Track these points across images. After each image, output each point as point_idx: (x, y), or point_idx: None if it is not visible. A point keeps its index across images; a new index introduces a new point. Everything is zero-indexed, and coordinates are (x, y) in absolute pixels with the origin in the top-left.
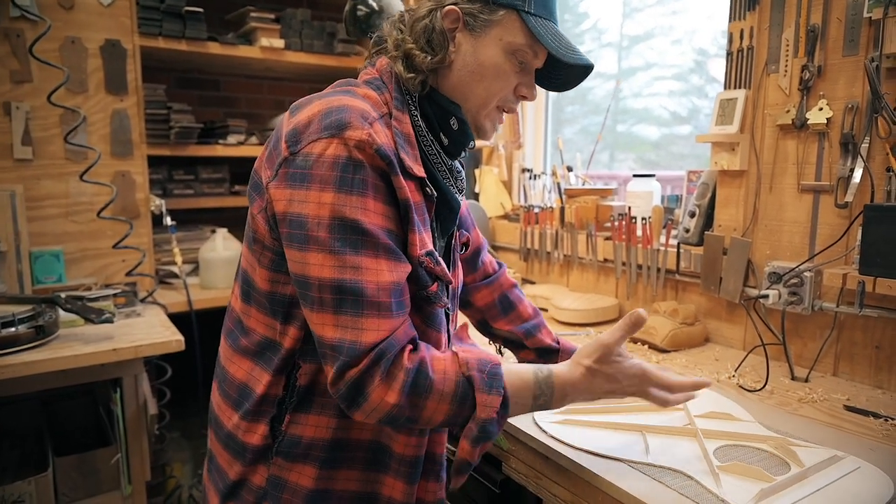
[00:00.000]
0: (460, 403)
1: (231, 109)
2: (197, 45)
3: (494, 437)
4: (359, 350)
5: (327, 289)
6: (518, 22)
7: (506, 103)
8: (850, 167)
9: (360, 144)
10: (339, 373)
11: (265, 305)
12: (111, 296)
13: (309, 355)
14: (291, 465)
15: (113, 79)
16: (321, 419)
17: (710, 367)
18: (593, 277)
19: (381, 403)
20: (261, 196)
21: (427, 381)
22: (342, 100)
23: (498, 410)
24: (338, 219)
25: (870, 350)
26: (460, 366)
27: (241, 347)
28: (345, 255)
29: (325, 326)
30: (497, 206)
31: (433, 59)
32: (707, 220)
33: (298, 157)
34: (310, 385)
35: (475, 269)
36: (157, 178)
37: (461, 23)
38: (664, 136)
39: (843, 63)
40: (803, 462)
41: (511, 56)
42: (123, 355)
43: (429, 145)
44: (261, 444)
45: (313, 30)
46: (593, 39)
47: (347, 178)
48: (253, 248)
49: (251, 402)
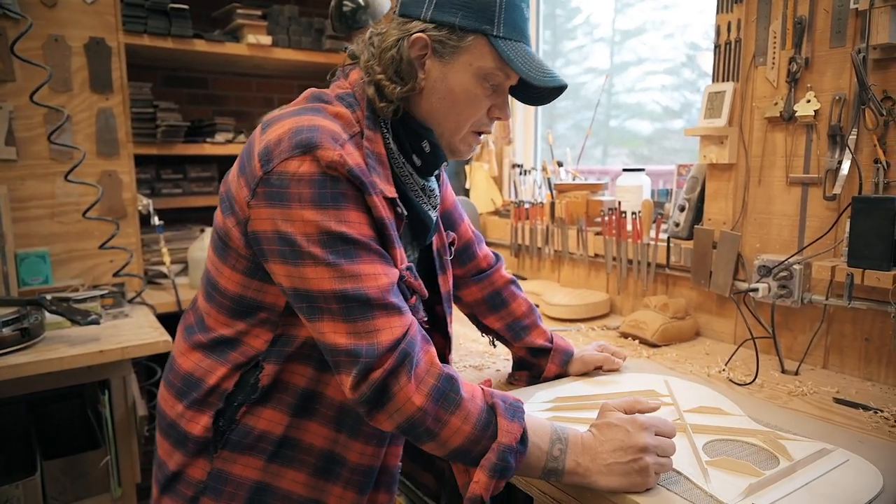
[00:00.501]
0: (483, 429)
1: (219, 107)
2: (183, 43)
3: (510, 474)
4: (379, 350)
5: (332, 299)
6: (487, 47)
7: (480, 127)
8: (838, 159)
9: (331, 165)
10: (361, 376)
11: (228, 307)
12: (98, 297)
13: (273, 358)
14: (238, 456)
15: (98, 77)
16: (276, 414)
17: (700, 361)
18: (584, 273)
19: (407, 404)
20: (234, 213)
21: (457, 397)
22: (313, 119)
23: (518, 440)
24: (325, 233)
25: (859, 342)
26: (486, 394)
27: (195, 342)
28: (342, 266)
29: (338, 335)
30: (488, 202)
31: (402, 88)
32: (697, 214)
33: (273, 177)
34: (271, 384)
35: (465, 264)
36: (144, 178)
37: (430, 50)
38: (657, 130)
39: (830, 55)
40: (792, 456)
41: (482, 80)
42: (110, 357)
43: (401, 167)
44: (202, 435)
45: (301, 26)
46: (585, 34)
47: (325, 193)
48: (222, 254)
49: (199, 392)
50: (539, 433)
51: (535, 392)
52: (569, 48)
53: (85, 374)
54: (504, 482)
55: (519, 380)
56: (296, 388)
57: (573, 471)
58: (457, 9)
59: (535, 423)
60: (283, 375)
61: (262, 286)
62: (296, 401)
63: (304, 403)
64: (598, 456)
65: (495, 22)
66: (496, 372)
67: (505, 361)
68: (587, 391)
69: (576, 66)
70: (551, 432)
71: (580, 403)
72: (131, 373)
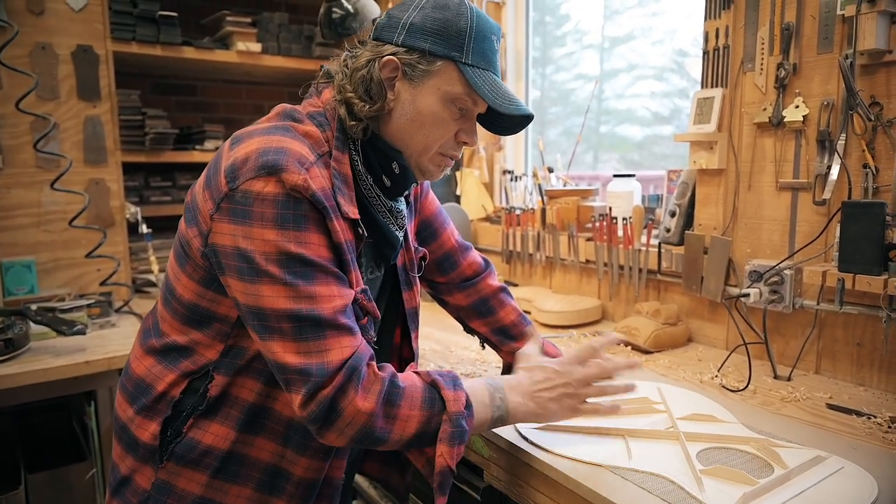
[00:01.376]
0: (430, 405)
1: (209, 115)
2: (171, 50)
3: (467, 437)
4: (328, 370)
5: (284, 318)
6: (456, 72)
7: (447, 150)
8: (828, 164)
9: (295, 188)
10: (309, 395)
11: (181, 314)
12: (85, 306)
13: (224, 368)
14: (182, 469)
15: (85, 85)
16: (222, 429)
17: (693, 367)
18: (576, 279)
19: (357, 415)
20: (197, 224)
21: (398, 390)
22: (281, 141)
23: (465, 405)
24: (284, 254)
25: (851, 347)
26: (422, 375)
27: (149, 346)
28: (298, 286)
29: (287, 354)
30: (478, 208)
31: (371, 107)
32: (687, 220)
33: (238, 194)
34: (219, 396)
35: (447, 273)
36: (133, 186)
37: (400, 72)
38: (647, 136)
39: (817, 60)
40: (787, 463)
41: (450, 104)
42: (96, 367)
43: (368, 188)
44: (150, 442)
45: (291, 33)
46: (575, 41)
47: (287, 214)
48: (182, 261)
49: (148, 398)
50: (479, 392)
51: None
52: (559, 55)
53: (70, 385)
54: (464, 446)
55: None
56: (244, 403)
57: (517, 411)
58: (428, 35)
59: (472, 385)
60: (232, 389)
61: (216, 297)
62: (243, 416)
63: (251, 419)
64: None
65: (464, 50)
66: None
67: (496, 369)
68: None
69: (566, 72)
70: (487, 386)
71: None
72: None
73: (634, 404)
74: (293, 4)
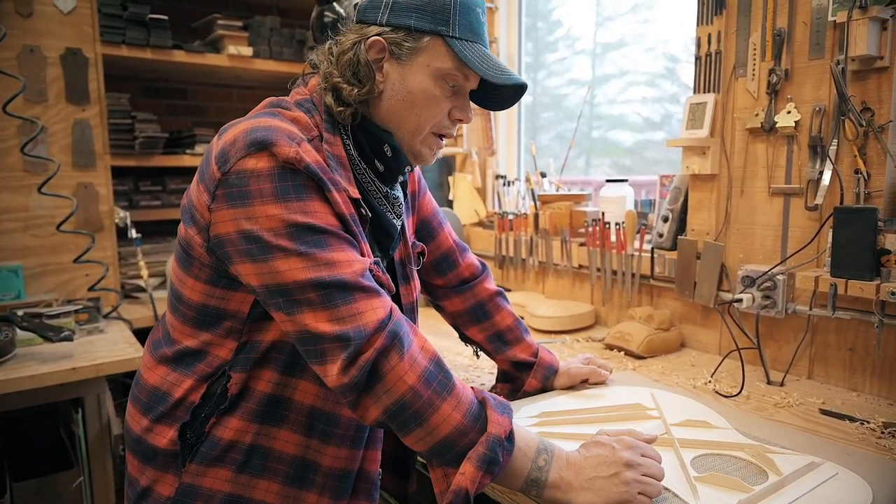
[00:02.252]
0: (473, 420)
1: (200, 119)
2: (162, 54)
3: (497, 470)
4: (367, 331)
5: (309, 288)
6: (444, 47)
7: (441, 129)
8: (819, 170)
9: (289, 160)
10: (350, 360)
11: (191, 318)
12: (72, 312)
13: (240, 365)
14: (207, 469)
15: (74, 88)
16: (241, 423)
17: (686, 373)
18: (569, 284)
19: (399, 383)
20: (196, 221)
21: (449, 383)
22: (268, 121)
23: (507, 435)
24: (292, 225)
25: (843, 352)
26: (476, 389)
27: (160, 356)
28: (314, 254)
29: (321, 323)
30: (471, 213)
31: (360, 91)
32: (680, 225)
33: (232, 176)
34: (240, 393)
35: (445, 274)
36: (123, 190)
37: (387, 52)
38: (638, 141)
39: (809, 66)
40: (781, 470)
41: (441, 81)
42: (83, 374)
43: (362, 172)
44: (168, 448)
45: (282, 37)
46: (567, 47)
47: (287, 186)
48: (186, 264)
49: (165, 406)
50: (526, 440)
51: (521, 407)
52: (551, 60)
53: (57, 392)
54: (489, 479)
55: (500, 393)
56: (261, 395)
57: (555, 484)
58: (412, 12)
59: (522, 430)
60: (249, 383)
61: (226, 293)
62: (261, 407)
63: (270, 409)
64: (581, 471)
65: (450, 23)
66: (481, 386)
67: (489, 375)
68: (573, 405)
69: (558, 77)
70: (538, 442)
71: (566, 418)
72: (106, 390)
73: (628, 410)
74: (285, 8)
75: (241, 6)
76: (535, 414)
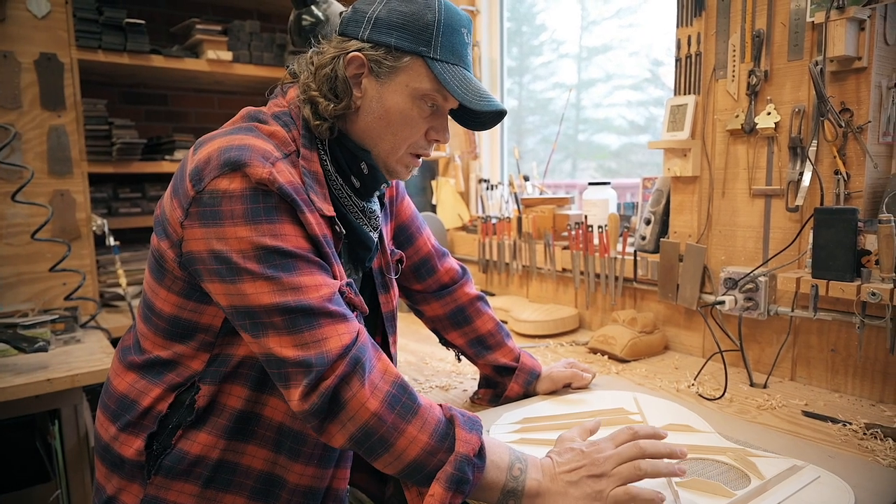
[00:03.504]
0: (440, 439)
1: (180, 124)
2: (139, 59)
3: (468, 488)
4: (329, 358)
5: (275, 313)
6: (424, 68)
7: (417, 149)
8: (800, 171)
9: (261, 181)
10: (311, 386)
11: (163, 329)
12: (48, 322)
13: (209, 378)
14: (172, 482)
15: (49, 94)
16: (210, 438)
17: (669, 376)
18: (552, 287)
19: (361, 410)
20: (168, 235)
21: (413, 405)
22: (244, 139)
23: (476, 452)
24: (261, 248)
25: (825, 354)
26: (444, 406)
27: (129, 363)
28: (281, 279)
29: (285, 348)
30: (455, 217)
31: (336, 106)
32: (662, 227)
33: (205, 196)
34: (209, 407)
35: (423, 279)
36: (101, 197)
37: (366, 69)
38: (624, 145)
39: (788, 67)
40: (763, 474)
41: (419, 101)
42: (59, 385)
43: (339, 188)
44: (135, 458)
45: (262, 42)
46: (552, 50)
47: (258, 208)
48: (158, 276)
49: (132, 414)
50: (498, 452)
51: (503, 413)
52: (536, 64)
53: (33, 404)
54: (460, 498)
55: (482, 398)
56: (232, 410)
57: (533, 492)
58: (393, 30)
59: (493, 442)
60: (219, 397)
61: (198, 307)
62: (232, 423)
63: (240, 426)
64: (555, 477)
65: (432, 44)
66: (463, 392)
67: (472, 381)
68: (555, 411)
69: (543, 81)
70: (510, 452)
71: (548, 424)
72: (83, 401)
73: (610, 415)
74: (265, 12)
75: (221, 10)
76: (517, 420)
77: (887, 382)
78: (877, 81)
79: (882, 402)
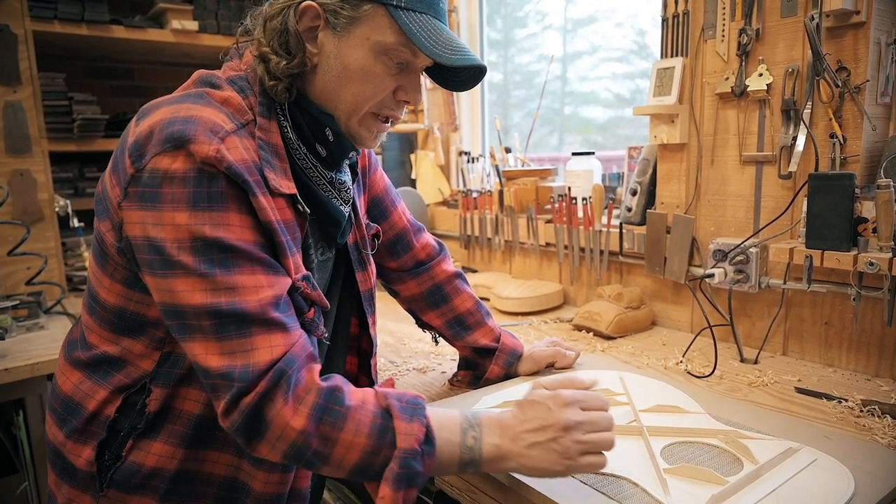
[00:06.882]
0: (379, 436)
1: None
2: (99, 29)
3: (420, 480)
4: (253, 373)
5: (204, 315)
6: (386, 18)
7: (382, 109)
8: (793, 135)
9: (207, 160)
10: (232, 402)
11: (109, 321)
12: (9, 308)
13: (162, 380)
14: (126, 496)
15: (3, 68)
16: (167, 448)
17: (657, 352)
18: (536, 263)
19: (286, 429)
20: (109, 215)
21: (341, 409)
22: (191, 109)
23: (421, 441)
24: (199, 239)
25: (819, 327)
26: (378, 397)
27: (75, 359)
28: (215, 277)
29: (210, 356)
30: (435, 192)
31: (289, 63)
32: (649, 198)
33: (145, 175)
34: (160, 411)
35: (399, 256)
36: (67, 177)
37: (322, 21)
38: (610, 118)
39: (781, 25)
40: (757, 458)
41: (383, 56)
42: (17, 375)
43: (302, 158)
44: (86, 469)
45: (231, 10)
46: (537, 22)
47: (201, 192)
48: (101, 261)
49: (79, 420)
50: (447, 425)
51: (482, 396)
52: (521, 36)
53: None
54: (414, 491)
55: (461, 381)
56: (189, 416)
57: (492, 456)
58: None
59: (441, 415)
60: (175, 402)
61: (145, 298)
62: (190, 430)
63: (200, 432)
64: (518, 436)
65: None
66: (441, 374)
67: (451, 362)
68: None
69: (528, 53)
70: (461, 421)
71: None
72: (48, 390)
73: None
74: None
75: None
76: (498, 403)
77: (883, 356)
78: (875, 37)
79: (878, 377)
